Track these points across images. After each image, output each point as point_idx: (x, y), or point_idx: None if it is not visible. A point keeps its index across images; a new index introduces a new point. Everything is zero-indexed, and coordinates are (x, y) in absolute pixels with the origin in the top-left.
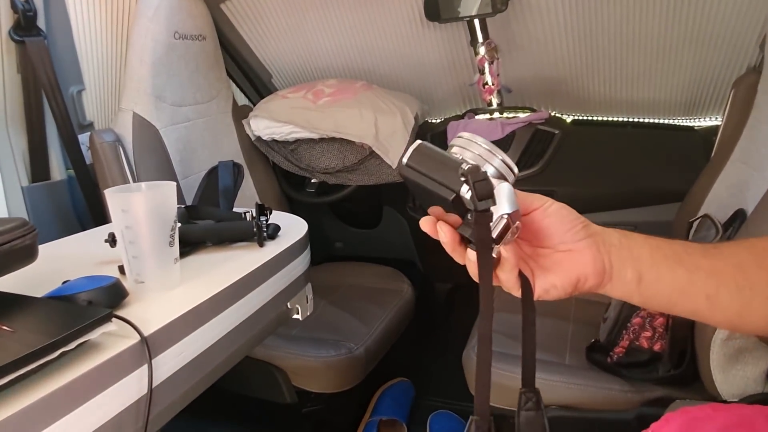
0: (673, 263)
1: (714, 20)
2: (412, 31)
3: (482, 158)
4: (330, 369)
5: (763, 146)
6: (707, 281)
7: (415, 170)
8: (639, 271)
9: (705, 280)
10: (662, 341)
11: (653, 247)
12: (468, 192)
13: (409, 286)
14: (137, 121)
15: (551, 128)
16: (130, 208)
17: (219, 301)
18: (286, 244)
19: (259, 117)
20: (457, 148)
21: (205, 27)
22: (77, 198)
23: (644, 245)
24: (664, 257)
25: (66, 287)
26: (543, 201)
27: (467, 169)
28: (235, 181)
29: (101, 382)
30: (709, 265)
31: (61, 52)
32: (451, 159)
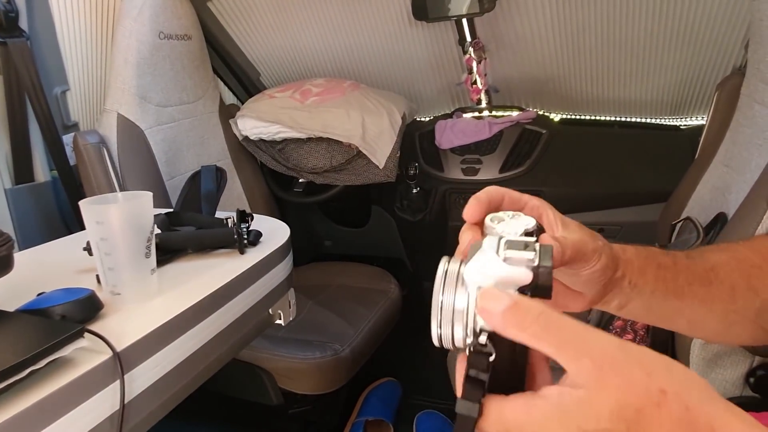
0: (670, 296)
1: (700, 21)
2: (400, 30)
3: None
4: (316, 370)
5: (745, 149)
6: (696, 310)
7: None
8: (627, 302)
9: (693, 309)
10: (643, 344)
11: (659, 278)
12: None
13: (396, 287)
14: (122, 122)
15: (539, 128)
16: (105, 220)
17: (197, 311)
18: (268, 251)
19: (246, 117)
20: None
21: (190, 27)
22: (62, 200)
23: (652, 277)
24: (665, 291)
25: (40, 300)
26: (592, 257)
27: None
28: (217, 185)
29: (73, 398)
30: (704, 293)
31: (44, 52)
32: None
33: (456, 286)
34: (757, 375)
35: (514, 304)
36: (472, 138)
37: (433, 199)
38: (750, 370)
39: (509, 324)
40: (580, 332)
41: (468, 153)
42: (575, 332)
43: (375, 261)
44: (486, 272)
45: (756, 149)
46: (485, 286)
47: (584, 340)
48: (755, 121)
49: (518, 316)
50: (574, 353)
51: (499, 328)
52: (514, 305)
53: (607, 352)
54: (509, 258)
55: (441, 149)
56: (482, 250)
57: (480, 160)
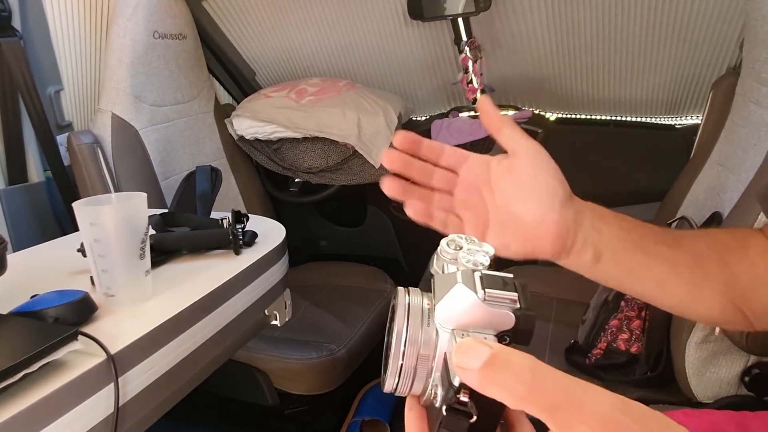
0: (636, 249)
1: (695, 20)
2: (395, 29)
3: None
4: (312, 371)
5: (740, 149)
6: (661, 268)
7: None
8: (599, 253)
9: (659, 267)
10: (639, 343)
11: (624, 230)
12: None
13: (392, 286)
14: (116, 122)
15: (534, 127)
16: (98, 221)
17: (193, 313)
18: (264, 251)
19: (242, 116)
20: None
21: (185, 26)
22: (56, 200)
23: (616, 229)
24: (631, 243)
25: (33, 302)
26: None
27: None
28: (213, 186)
29: (67, 402)
30: (670, 255)
31: (38, 52)
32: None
33: (422, 322)
34: (752, 374)
35: (493, 356)
36: (468, 137)
37: None
38: (745, 369)
39: (488, 382)
40: (575, 392)
41: None
42: (570, 392)
43: (371, 261)
44: (464, 315)
45: (751, 149)
46: (461, 330)
47: (581, 402)
48: (750, 120)
49: (500, 373)
50: (570, 418)
51: (477, 386)
52: (494, 358)
53: (609, 416)
54: (491, 298)
55: None
56: (457, 289)
57: None
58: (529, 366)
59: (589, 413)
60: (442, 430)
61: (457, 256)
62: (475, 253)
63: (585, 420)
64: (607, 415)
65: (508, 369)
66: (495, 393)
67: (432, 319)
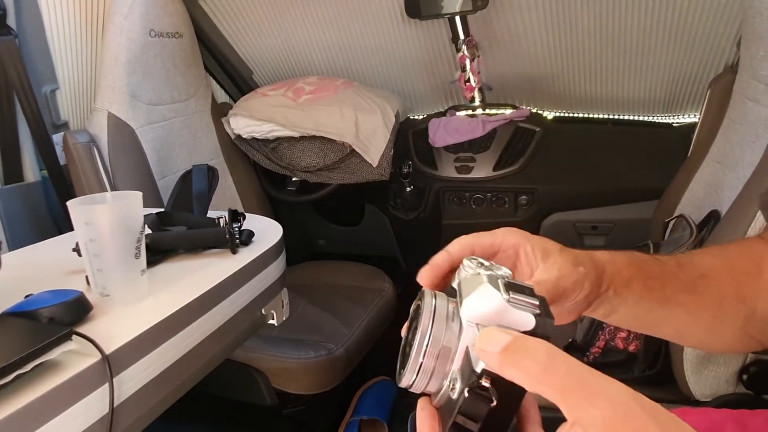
0: (655, 305)
1: (692, 18)
2: (392, 28)
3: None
4: (310, 370)
5: (738, 147)
6: (683, 318)
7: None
8: (612, 311)
9: (681, 318)
10: (637, 342)
11: (645, 289)
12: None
13: (391, 285)
14: (112, 121)
15: (532, 125)
16: (93, 221)
17: (189, 313)
18: (260, 250)
19: (239, 115)
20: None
21: (181, 24)
22: (52, 200)
23: (638, 288)
24: (650, 300)
25: (27, 302)
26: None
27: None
28: (209, 185)
29: (61, 402)
30: (692, 302)
31: (33, 50)
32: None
33: (447, 322)
34: (750, 372)
35: (513, 341)
36: (466, 136)
37: (426, 198)
38: (743, 367)
39: (507, 362)
40: (589, 377)
41: (462, 151)
42: (583, 377)
43: (369, 260)
44: (489, 311)
45: (748, 146)
46: (484, 326)
47: (592, 387)
48: (748, 118)
49: (518, 355)
50: (580, 400)
51: (496, 366)
52: (514, 343)
53: (619, 401)
54: (514, 300)
55: (434, 147)
56: (484, 288)
57: (474, 158)
58: (545, 349)
59: (598, 396)
60: (458, 417)
61: (480, 271)
62: (496, 269)
63: (595, 403)
64: (616, 399)
65: (525, 351)
66: (512, 374)
67: (457, 317)
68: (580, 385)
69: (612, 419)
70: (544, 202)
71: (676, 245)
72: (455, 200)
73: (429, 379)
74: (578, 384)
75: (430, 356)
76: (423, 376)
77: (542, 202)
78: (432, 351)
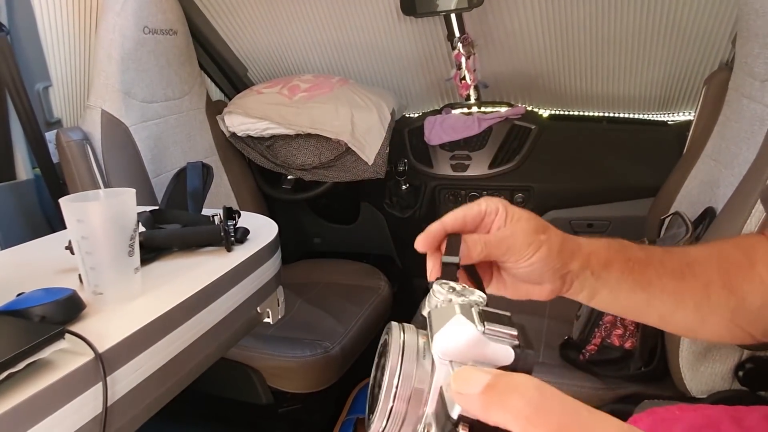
0: (636, 287)
1: (687, 16)
2: (388, 25)
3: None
4: (306, 369)
5: (733, 144)
6: (666, 303)
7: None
8: (595, 293)
9: (663, 303)
10: (633, 339)
11: (627, 270)
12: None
13: (386, 284)
14: (106, 119)
15: (528, 123)
16: (86, 218)
17: (183, 311)
18: (255, 248)
19: (234, 113)
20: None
21: (176, 21)
22: (45, 198)
23: (617, 272)
24: (632, 282)
25: (19, 300)
26: (524, 251)
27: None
28: (204, 182)
29: (53, 402)
30: (675, 287)
31: (25, 47)
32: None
33: (417, 359)
34: (746, 368)
35: (495, 379)
36: (462, 134)
37: (422, 196)
38: (739, 363)
39: (491, 404)
40: (582, 414)
41: (457, 149)
42: (578, 414)
43: (364, 258)
44: (463, 346)
45: (744, 143)
46: (459, 363)
47: (587, 424)
48: (743, 115)
49: (504, 395)
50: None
51: (480, 411)
52: (496, 381)
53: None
54: (490, 332)
55: (430, 145)
56: (456, 320)
57: (469, 156)
58: (534, 385)
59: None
60: None
61: (451, 297)
62: (469, 294)
63: None
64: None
65: (512, 389)
66: (498, 416)
67: (428, 353)
68: (577, 422)
69: None
70: (540, 200)
71: (672, 242)
72: (451, 198)
73: (401, 425)
74: (575, 422)
75: (401, 399)
76: (394, 422)
77: (538, 199)
78: (402, 393)
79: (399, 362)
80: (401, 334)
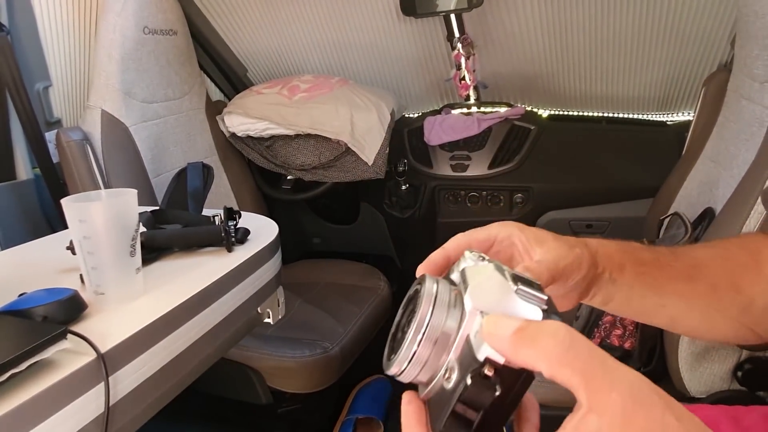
0: (649, 291)
1: (687, 17)
2: (388, 25)
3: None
4: (305, 369)
5: (732, 145)
6: (677, 306)
7: None
8: (610, 297)
9: (675, 305)
10: (632, 339)
11: (640, 273)
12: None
13: (386, 284)
14: (106, 119)
15: (527, 124)
16: (88, 218)
17: (184, 311)
18: (256, 249)
19: (234, 113)
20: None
21: (176, 21)
22: (45, 198)
23: (631, 276)
24: (644, 286)
25: (21, 301)
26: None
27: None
28: (204, 182)
29: (56, 402)
30: (685, 289)
31: (25, 47)
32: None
33: (448, 309)
34: (744, 369)
35: (526, 323)
36: (461, 134)
37: (422, 196)
38: (738, 363)
39: (523, 344)
40: (608, 361)
41: (457, 149)
42: (604, 361)
43: (364, 258)
44: (496, 299)
45: (743, 144)
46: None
47: (614, 372)
48: (742, 116)
49: (535, 336)
50: (602, 384)
51: (509, 351)
52: (528, 325)
53: (638, 388)
54: (522, 292)
55: (430, 145)
56: (492, 275)
57: (469, 156)
58: (566, 329)
59: (620, 382)
60: (458, 405)
61: (485, 261)
62: (497, 263)
63: (617, 388)
64: (636, 385)
65: (543, 331)
66: (528, 356)
67: (459, 304)
68: (602, 369)
69: (631, 407)
70: (539, 201)
71: (671, 243)
72: (450, 198)
73: (421, 369)
74: (600, 367)
75: (427, 344)
76: (415, 366)
77: (537, 200)
78: (429, 339)
79: (430, 309)
80: (435, 285)
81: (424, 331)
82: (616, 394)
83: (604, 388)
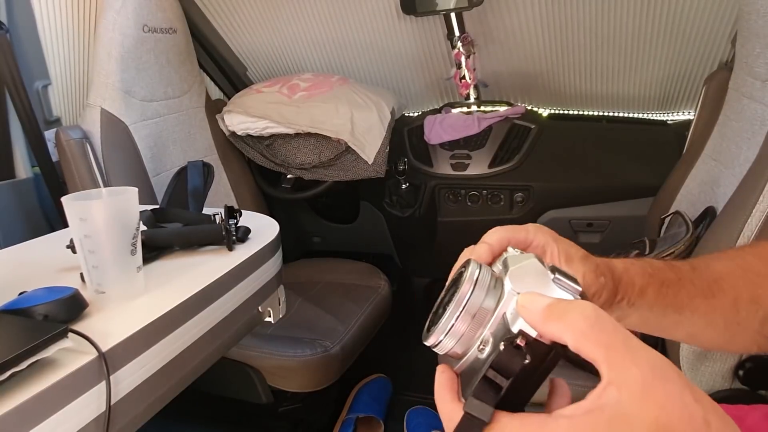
0: (669, 311)
1: (687, 16)
2: (388, 24)
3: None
4: (306, 368)
5: (733, 143)
6: (697, 322)
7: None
8: (624, 317)
9: (694, 323)
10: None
11: (659, 295)
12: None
13: (386, 282)
14: (105, 117)
15: (527, 123)
16: (88, 217)
17: (185, 310)
18: (257, 248)
19: (233, 112)
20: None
21: (175, 20)
22: (44, 197)
23: (652, 295)
24: (663, 306)
25: (22, 299)
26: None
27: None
28: (204, 181)
29: (57, 401)
30: (706, 307)
31: (25, 45)
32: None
33: (487, 290)
34: (746, 367)
35: (557, 301)
36: (461, 133)
37: (422, 195)
38: (739, 362)
39: (553, 317)
40: (632, 340)
41: (457, 148)
42: (627, 337)
43: (364, 257)
44: (534, 284)
45: (744, 143)
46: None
47: (636, 348)
48: (743, 115)
49: (565, 311)
50: (624, 359)
51: (540, 323)
52: (558, 302)
53: (659, 365)
54: (559, 281)
55: (430, 144)
56: (532, 262)
57: (469, 155)
58: (593, 307)
59: (641, 358)
60: (490, 371)
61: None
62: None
63: (638, 363)
64: (656, 362)
65: (572, 308)
66: (556, 328)
67: (499, 287)
68: (625, 344)
69: (651, 381)
70: (540, 199)
71: (672, 242)
72: (451, 197)
73: (456, 342)
74: (623, 343)
75: (465, 318)
76: (451, 338)
77: (538, 199)
78: (468, 313)
79: (471, 288)
80: (477, 269)
81: (464, 306)
82: (637, 369)
83: (626, 363)
